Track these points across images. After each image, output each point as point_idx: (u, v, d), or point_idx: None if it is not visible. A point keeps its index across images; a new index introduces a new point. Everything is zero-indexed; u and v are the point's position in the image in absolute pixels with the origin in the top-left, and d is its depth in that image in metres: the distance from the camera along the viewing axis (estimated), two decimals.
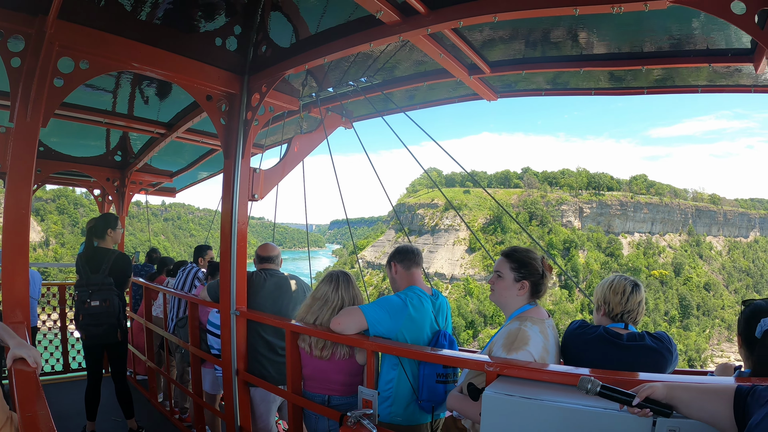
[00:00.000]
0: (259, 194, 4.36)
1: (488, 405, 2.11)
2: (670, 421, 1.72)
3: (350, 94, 4.88)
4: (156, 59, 3.87)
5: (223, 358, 4.35)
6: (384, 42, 3.52)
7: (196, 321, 4.97)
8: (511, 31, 3.74)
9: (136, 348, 6.84)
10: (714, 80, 3.99)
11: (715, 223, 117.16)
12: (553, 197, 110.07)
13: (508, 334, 2.50)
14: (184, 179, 9.05)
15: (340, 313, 3.22)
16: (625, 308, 2.58)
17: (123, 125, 6.03)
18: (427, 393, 3.00)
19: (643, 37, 3.53)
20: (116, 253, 4.99)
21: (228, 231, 4.20)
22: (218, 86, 4.24)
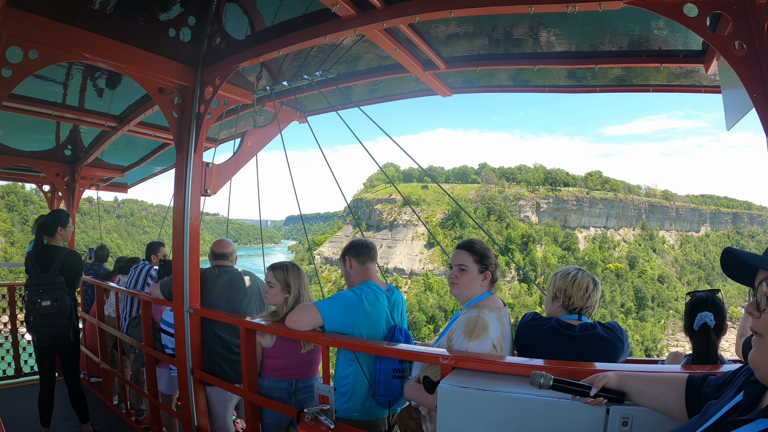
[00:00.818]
0: (212, 189, 4.26)
1: (444, 397, 2.14)
2: (624, 409, 1.78)
3: (305, 88, 4.83)
4: (108, 50, 3.72)
5: (177, 358, 4.23)
6: (339, 36, 3.50)
7: (149, 320, 4.82)
8: (467, 28, 3.78)
9: (89, 349, 6.57)
10: (667, 80, 4.13)
11: (667, 218, 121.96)
12: (511, 193, 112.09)
13: (468, 321, 2.53)
14: (136, 174, 8.77)
15: (294, 310, 3.18)
16: (585, 303, 2.63)
17: (73, 118, 5.77)
18: (383, 388, 3.00)
19: (599, 37, 3.62)
20: (66, 250, 4.80)
21: (180, 227, 4.08)
22: (171, 78, 4.12)
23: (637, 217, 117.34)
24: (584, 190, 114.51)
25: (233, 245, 4.50)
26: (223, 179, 4.43)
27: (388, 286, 3.37)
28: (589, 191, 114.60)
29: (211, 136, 6.13)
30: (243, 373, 3.54)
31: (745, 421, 1.14)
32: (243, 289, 4.24)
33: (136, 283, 5.54)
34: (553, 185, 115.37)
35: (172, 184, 4.27)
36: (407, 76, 4.49)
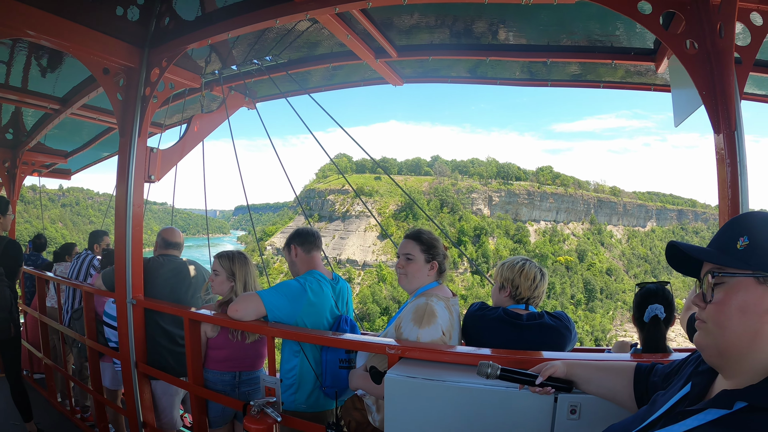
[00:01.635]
0: (156, 176, 4.05)
1: (391, 387, 2.10)
2: (571, 397, 1.78)
3: (254, 73, 4.67)
4: (52, 27, 3.48)
5: (120, 351, 4.02)
6: (291, 19, 3.39)
7: (92, 312, 4.56)
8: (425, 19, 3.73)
9: (31, 344, 6.21)
10: (621, 78, 4.21)
11: (615, 213, 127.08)
12: (464, 185, 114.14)
13: (417, 308, 2.49)
14: (81, 160, 8.33)
15: (236, 300, 3.06)
16: (533, 293, 2.63)
17: (16, 100, 5.44)
18: (330, 379, 2.94)
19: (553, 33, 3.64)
20: (6, 239, 4.49)
21: (123, 215, 3.87)
22: (116, 59, 3.89)
23: (586, 211, 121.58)
24: (535, 185, 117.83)
25: (182, 235, 4.33)
26: (168, 165, 4.23)
27: (333, 276, 3.29)
28: (540, 186, 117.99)
29: (157, 121, 5.87)
30: (188, 366, 3.39)
31: (694, 412, 1.15)
32: (188, 279, 4.06)
33: (78, 273, 5.25)
34: (505, 179, 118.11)
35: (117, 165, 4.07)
36: (359, 64, 4.41)
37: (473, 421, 1.96)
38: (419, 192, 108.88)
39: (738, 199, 2.21)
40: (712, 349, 1.15)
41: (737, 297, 1.10)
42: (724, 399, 1.10)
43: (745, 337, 1.09)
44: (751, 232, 1.12)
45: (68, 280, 5.17)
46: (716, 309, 1.12)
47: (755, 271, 1.08)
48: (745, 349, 1.09)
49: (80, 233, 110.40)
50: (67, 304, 5.21)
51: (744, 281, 1.09)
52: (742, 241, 1.12)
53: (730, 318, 1.10)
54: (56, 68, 4.88)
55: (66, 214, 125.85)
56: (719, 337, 1.12)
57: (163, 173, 4.17)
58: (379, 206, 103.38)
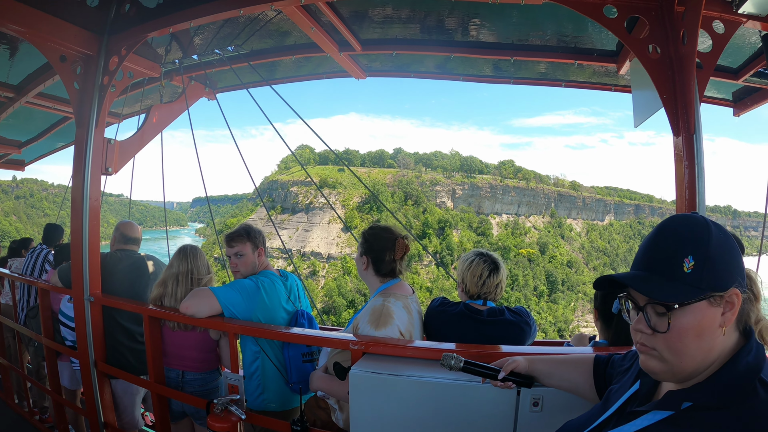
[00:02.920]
0: (113, 168, 3.87)
1: (355, 383, 2.09)
2: (534, 391, 1.81)
3: (215, 63, 4.55)
4: (7, 12, 3.32)
5: (78, 350, 3.85)
6: (255, 10, 3.31)
7: (48, 310, 4.36)
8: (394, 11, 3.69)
9: None
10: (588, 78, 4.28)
11: (574, 207, 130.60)
12: (428, 178, 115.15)
13: (373, 310, 2.45)
14: (35, 150, 8.00)
15: (188, 296, 2.93)
16: (481, 290, 2.60)
17: None
18: (296, 374, 2.89)
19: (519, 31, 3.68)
20: None
21: (79, 208, 3.69)
22: (74, 46, 3.72)
23: (546, 205, 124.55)
24: (498, 178, 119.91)
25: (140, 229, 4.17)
26: (125, 157, 4.07)
27: (281, 272, 3.22)
28: (503, 179, 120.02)
29: (114, 111, 5.65)
30: (149, 364, 3.27)
31: (640, 413, 1.14)
32: (146, 274, 3.91)
33: (33, 269, 5.00)
34: (468, 172, 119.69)
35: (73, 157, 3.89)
36: (323, 57, 4.37)
37: (438, 414, 1.96)
38: (383, 184, 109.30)
39: (695, 199, 2.26)
40: (665, 373, 1.12)
41: (692, 322, 1.06)
42: (670, 400, 1.10)
43: (700, 356, 1.07)
44: (694, 250, 1.06)
45: (22, 276, 4.92)
46: (670, 338, 1.07)
47: (706, 294, 1.05)
48: (698, 365, 1.08)
49: (34, 226, 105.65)
50: (22, 302, 4.95)
51: (697, 306, 1.05)
52: (688, 263, 1.06)
53: (687, 345, 1.06)
54: (12, 55, 4.64)
55: (20, 207, 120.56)
56: (676, 363, 1.08)
57: (121, 165, 4.00)
58: (342, 198, 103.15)
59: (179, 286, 3.19)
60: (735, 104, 4.30)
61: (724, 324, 1.06)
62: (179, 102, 4.86)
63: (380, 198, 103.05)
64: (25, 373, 5.24)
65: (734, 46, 3.36)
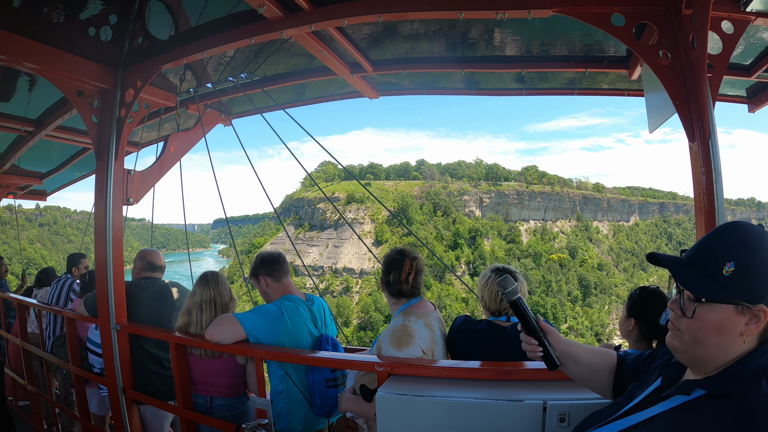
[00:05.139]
0: (134, 198, 4.03)
1: (382, 405, 2.13)
2: (560, 406, 1.85)
3: (229, 90, 4.71)
4: (24, 50, 3.46)
5: (107, 377, 3.97)
6: (266, 38, 3.43)
7: (75, 338, 4.51)
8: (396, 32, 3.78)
9: (13, 371, 6.07)
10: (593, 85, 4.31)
11: (599, 209, 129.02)
12: (455, 188, 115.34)
13: (394, 331, 2.52)
14: (56, 181, 8.25)
15: (212, 324, 3.02)
16: (500, 306, 2.62)
17: None
18: (320, 399, 2.95)
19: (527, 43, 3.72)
20: None
21: (103, 238, 3.84)
22: (90, 80, 3.88)
23: (572, 209, 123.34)
24: (523, 185, 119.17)
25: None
26: (146, 187, 4.22)
27: (307, 296, 3.27)
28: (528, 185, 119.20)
29: (133, 140, 5.84)
30: (176, 391, 3.35)
31: (663, 398, 1.24)
32: (171, 302, 4.02)
33: (59, 298, 5.17)
34: (494, 180, 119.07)
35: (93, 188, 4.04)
36: (334, 79, 4.46)
37: None
38: (411, 196, 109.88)
39: (713, 204, 2.26)
40: (682, 354, 1.25)
41: (715, 319, 1.16)
42: (685, 387, 1.20)
43: (716, 352, 1.17)
44: (738, 257, 1.14)
45: (49, 306, 5.09)
46: (693, 325, 1.19)
47: (736, 300, 1.13)
48: (713, 359, 1.18)
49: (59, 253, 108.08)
50: (49, 330, 5.12)
51: (724, 307, 1.15)
52: (729, 267, 1.15)
53: (706, 336, 1.17)
54: (30, 90, 4.83)
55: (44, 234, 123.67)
56: (693, 349, 1.20)
57: (142, 195, 4.16)
58: (371, 212, 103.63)
59: (203, 313, 3.26)
60: (749, 100, 4.28)
61: (745, 333, 1.15)
62: (196, 129, 5.03)
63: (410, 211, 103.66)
64: (54, 399, 5.39)
65: (744, 44, 3.36)
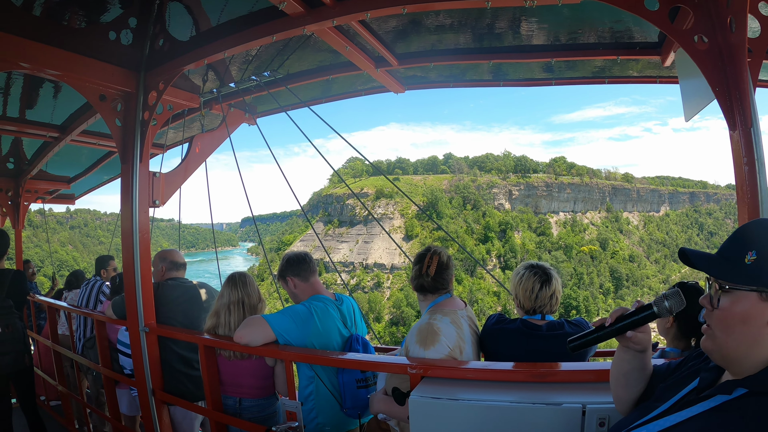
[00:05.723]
0: (160, 200, 4.08)
1: (416, 409, 2.11)
2: (600, 410, 1.82)
3: (253, 89, 4.72)
4: (45, 57, 3.52)
5: (136, 379, 4.05)
6: (288, 35, 3.41)
7: (105, 340, 4.61)
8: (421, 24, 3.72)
9: (44, 372, 6.29)
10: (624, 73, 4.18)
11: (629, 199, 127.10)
12: (483, 181, 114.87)
13: (419, 330, 2.52)
14: (83, 184, 8.45)
15: (241, 325, 3.02)
16: (535, 304, 2.58)
17: (15, 130, 5.50)
18: (350, 400, 2.95)
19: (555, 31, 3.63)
20: (11, 272, 4.57)
21: (130, 241, 3.89)
22: (112, 84, 3.91)
23: (601, 200, 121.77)
24: (552, 176, 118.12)
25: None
26: (172, 188, 4.27)
27: (336, 296, 3.27)
28: (557, 177, 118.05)
29: (157, 142, 5.89)
30: (206, 392, 3.39)
31: (704, 398, 1.25)
32: (199, 303, 4.08)
33: (88, 300, 5.30)
34: (523, 172, 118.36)
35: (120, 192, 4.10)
36: (359, 74, 4.42)
37: None
38: (440, 190, 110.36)
39: (757, 197, 2.17)
40: (716, 354, 1.26)
41: (740, 308, 1.18)
42: (726, 386, 1.23)
43: (745, 344, 1.20)
44: (760, 247, 1.20)
45: (79, 308, 5.22)
46: (721, 315, 1.22)
47: (759, 287, 1.16)
48: (744, 354, 1.20)
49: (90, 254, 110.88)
50: (79, 332, 5.26)
51: (748, 295, 1.18)
52: (750, 256, 1.19)
53: (733, 326, 1.20)
54: (54, 96, 4.92)
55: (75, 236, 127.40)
56: (722, 342, 1.23)
57: (168, 197, 4.20)
58: (401, 207, 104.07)
59: (232, 315, 3.29)
60: None
61: None
62: (221, 129, 5.06)
63: (440, 205, 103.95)
64: (85, 400, 5.54)
65: None
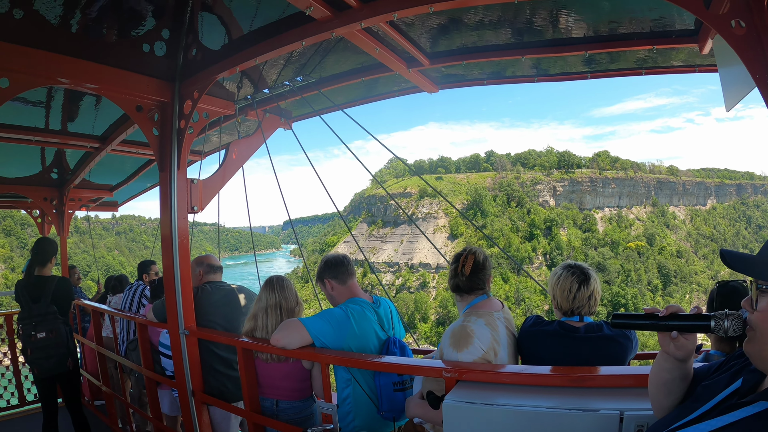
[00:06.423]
0: (198, 206, 4.21)
1: (450, 414, 2.10)
2: (638, 417, 1.77)
3: (287, 94, 4.81)
4: (82, 72, 3.68)
5: (177, 380, 4.20)
6: (316, 39, 3.45)
7: (147, 343, 4.81)
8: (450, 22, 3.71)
9: (89, 372, 6.57)
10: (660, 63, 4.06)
11: (675, 193, 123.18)
12: (527, 178, 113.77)
13: (453, 332, 2.54)
14: (126, 192, 8.75)
15: (278, 329, 3.07)
16: (573, 305, 2.55)
17: (57, 142, 5.74)
18: (387, 403, 2.97)
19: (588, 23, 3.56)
20: (57, 278, 4.82)
21: (169, 247, 4.03)
22: (148, 95, 4.07)
23: (646, 194, 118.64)
24: (596, 171, 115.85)
25: None
26: (210, 194, 4.39)
27: (374, 299, 3.29)
28: (601, 171, 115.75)
29: (195, 149, 6.11)
30: (243, 393, 3.49)
31: (745, 403, 1.20)
32: (238, 306, 4.21)
33: (131, 304, 5.53)
34: (566, 168, 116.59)
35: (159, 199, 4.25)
36: (391, 75, 4.44)
37: None
38: (484, 188, 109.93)
39: None
40: (755, 357, 1.23)
41: None
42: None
43: None
44: None
45: (122, 312, 5.45)
46: (760, 318, 1.20)
47: None
48: None
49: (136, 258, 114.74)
50: (122, 335, 5.49)
51: None
52: None
53: None
54: (94, 108, 5.13)
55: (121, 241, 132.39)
56: (762, 346, 1.20)
57: (206, 203, 4.33)
58: (445, 206, 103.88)
59: (269, 318, 3.36)
60: None
61: None
62: (257, 135, 5.17)
63: (484, 203, 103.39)
64: (128, 400, 5.76)
65: None
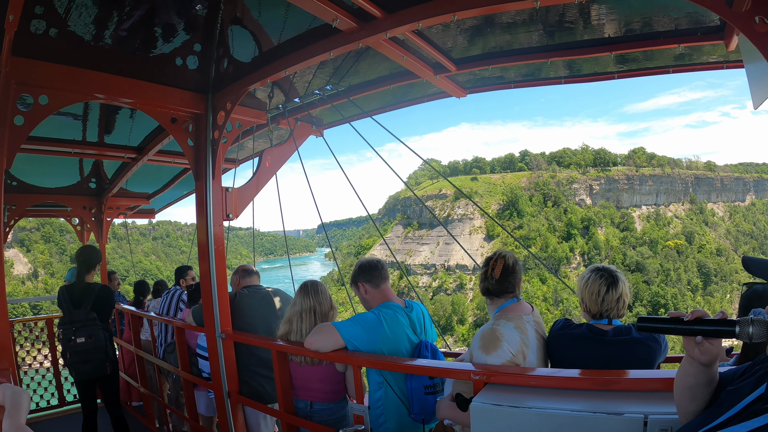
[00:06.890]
0: (233, 213, 4.35)
1: (477, 416, 2.14)
2: (662, 420, 1.78)
3: (317, 102, 4.92)
4: (117, 87, 3.86)
5: (213, 382, 4.35)
6: (343, 50, 3.54)
7: (184, 345, 5.00)
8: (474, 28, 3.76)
9: (128, 374, 6.83)
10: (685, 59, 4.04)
11: (713, 189, 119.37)
12: (563, 177, 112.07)
13: (482, 336, 2.59)
14: (162, 200, 9.04)
15: (312, 332, 3.18)
16: (601, 308, 2.56)
17: (94, 153, 5.99)
18: (418, 406, 3.03)
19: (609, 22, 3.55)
20: (98, 286, 4.99)
21: (205, 253, 4.19)
22: (182, 107, 4.23)
23: (684, 191, 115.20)
24: (632, 168, 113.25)
25: None
26: (244, 202, 4.53)
27: (406, 303, 3.35)
28: (637, 168, 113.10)
29: (229, 157, 6.28)
30: (278, 395, 3.60)
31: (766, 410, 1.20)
32: (274, 309, 4.36)
33: (169, 308, 5.75)
34: (602, 166, 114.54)
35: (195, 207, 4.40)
36: (419, 81, 4.50)
37: None
38: (519, 188, 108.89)
39: None
40: None
41: None
42: None
43: None
44: None
45: (161, 316, 5.68)
46: None
47: None
48: None
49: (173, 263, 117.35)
50: (161, 338, 5.72)
51: None
52: None
53: None
54: (130, 119, 5.34)
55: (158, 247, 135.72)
56: None
57: (241, 210, 4.48)
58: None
59: (303, 322, 3.46)
60: None
61: None
62: (289, 143, 5.31)
63: (520, 203, 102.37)
64: (165, 401, 5.99)
65: None
